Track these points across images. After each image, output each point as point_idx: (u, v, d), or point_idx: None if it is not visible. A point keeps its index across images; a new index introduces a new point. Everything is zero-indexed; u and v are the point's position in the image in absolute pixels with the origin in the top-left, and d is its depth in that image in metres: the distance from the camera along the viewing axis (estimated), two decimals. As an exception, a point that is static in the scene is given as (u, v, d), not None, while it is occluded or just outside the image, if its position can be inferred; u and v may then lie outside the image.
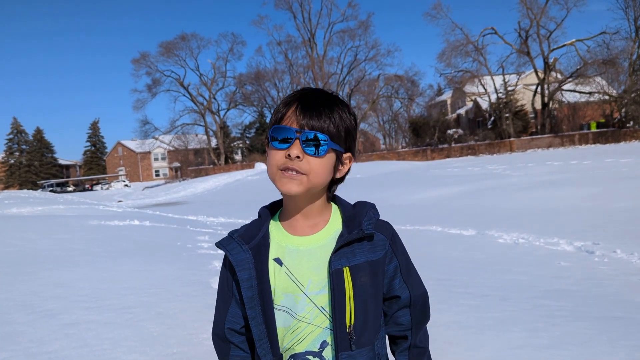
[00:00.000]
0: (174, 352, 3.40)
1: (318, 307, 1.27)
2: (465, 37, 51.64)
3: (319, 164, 1.25)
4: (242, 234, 1.33)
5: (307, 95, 1.28)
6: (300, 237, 1.32)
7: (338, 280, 1.25)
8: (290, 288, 1.28)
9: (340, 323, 1.25)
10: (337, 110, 1.28)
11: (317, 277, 1.27)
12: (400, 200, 16.24)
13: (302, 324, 1.28)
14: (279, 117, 1.27)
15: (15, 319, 4.03)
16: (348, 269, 1.26)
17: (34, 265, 5.93)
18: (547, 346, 3.44)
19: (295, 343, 1.29)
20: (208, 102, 66.94)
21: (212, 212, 17.58)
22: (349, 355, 1.26)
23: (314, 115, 1.24)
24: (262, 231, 1.33)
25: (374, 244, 1.31)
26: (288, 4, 61.38)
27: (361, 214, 1.34)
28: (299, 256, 1.30)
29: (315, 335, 1.28)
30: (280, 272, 1.29)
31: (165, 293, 4.84)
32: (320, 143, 1.24)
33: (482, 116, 58.40)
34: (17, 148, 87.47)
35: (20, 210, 15.97)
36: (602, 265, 6.23)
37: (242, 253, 1.29)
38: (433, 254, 7.64)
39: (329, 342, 1.28)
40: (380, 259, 1.31)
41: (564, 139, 45.07)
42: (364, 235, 1.28)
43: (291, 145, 1.22)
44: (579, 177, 15.88)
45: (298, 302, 1.27)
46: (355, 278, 1.26)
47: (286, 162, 1.23)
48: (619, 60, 46.35)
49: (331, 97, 1.31)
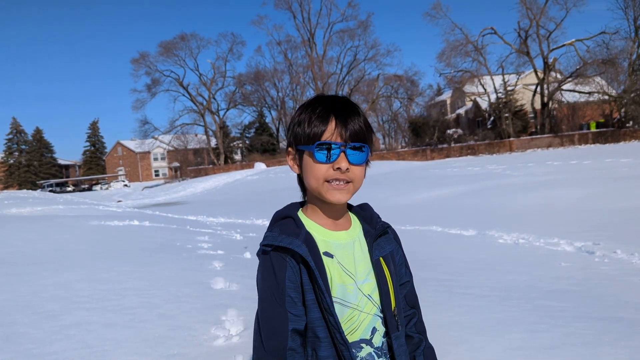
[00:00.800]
0: (174, 353, 3.40)
1: (366, 295, 1.37)
2: (465, 37, 51.69)
3: (361, 170, 1.37)
4: (284, 231, 1.34)
5: (336, 106, 1.34)
6: (340, 232, 1.41)
7: (379, 269, 1.40)
8: (344, 278, 1.35)
9: (388, 307, 1.39)
10: (361, 114, 1.38)
11: (361, 268, 1.38)
12: (400, 200, 16.24)
13: (356, 312, 1.35)
14: (320, 133, 1.31)
15: (16, 320, 4.02)
16: (382, 259, 1.42)
17: (34, 266, 5.92)
18: (548, 347, 3.43)
19: (350, 332, 1.34)
20: (207, 102, 66.94)
21: (212, 212, 17.57)
22: (397, 336, 1.40)
23: (352, 125, 1.32)
24: (303, 229, 1.36)
25: (387, 237, 1.49)
26: (288, 3, 61.45)
27: (374, 214, 1.51)
28: (344, 249, 1.38)
29: (367, 323, 1.36)
30: (333, 264, 1.35)
31: (165, 294, 4.83)
32: (364, 152, 1.35)
33: (481, 116, 58.42)
34: (16, 148, 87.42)
35: (20, 210, 15.96)
36: (603, 265, 6.23)
37: (301, 246, 1.30)
38: (433, 255, 7.63)
39: (377, 328, 1.38)
40: (393, 250, 1.49)
41: (563, 139, 45.09)
42: (384, 230, 1.47)
43: (338, 159, 1.30)
44: (579, 177, 15.88)
45: (351, 291, 1.35)
46: (389, 266, 1.43)
47: (334, 174, 1.31)
48: (618, 60, 46.39)
49: (351, 103, 1.39)
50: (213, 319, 4.08)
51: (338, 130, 1.31)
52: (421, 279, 5.87)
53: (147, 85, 65.78)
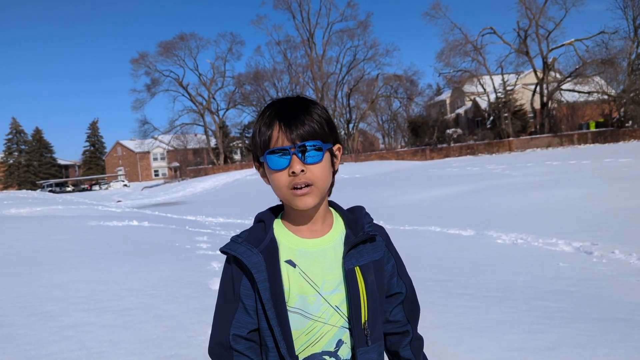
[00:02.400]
0: (172, 354, 3.40)
1: (332, 307, 1.31)
2: (464, 37, 51.73)
3: (321, 168, 1.29)
4: (247, 239, 1.34)
5: (283, 108, 1.30)
6: (309, 239, 1.35)
7: (352, 279, 1.31)
8: (305, 289, 1.30)
9: (357, 320, 1.30)
10: (313, 110, 1.31)
11: (330, 277, 1.32)
12: (399, 200, 16.24)
13: (318, 324, 1.30)
14: (267, 140, 1.28)
15: (13, 321, 4.02)
16: (359, 269, 1.32)
17: (32, 267, 5.92)
18: (545, 348, 3.44)
19: (310, 344, 1.31)
20: (207, 102, 66.93)
21: (211, 212, 17.58)
22: (365, 350, 1.32)
23: (299, 125, 1.27)
24: (269, 235, 1.34)
25: (375, 245, 1.39)
26: (287, 3, 61.43)
27: (361, 218, 1.40)
28: (311, 258, 1.32)
29: (331, 335, 1.31)
30: (294, 274, 1.30)
31: (164, 295, 4.83)
32: (316, 150, 1.28)
33: (481, 116, 58.44)
34: (16, 148, 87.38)
35: (19, 210, 15.95)
36: (601, 266, 6.23)
37: (254, 256, 1.29)
38: (432, 255, 7.64)
39: (344, 341, 1.32)
40: (381, 259, 1.39)
41: (562, 138, 45.12)
42: (367, 236, 1.35)
43: (291, 163, 1.25)
44: (578, 177, 15.89)
45: (313, 302, 1.30)
46: (365, 277, 1.32)
47: (292, 179, 1.26)
48: (617, 59, 46.46)
49: (302, 101, 1.34)
50: (212, 319, 4.07)
51: (283, 134, 1.26)
52: (419, 280, 5.87)
53: (146, 85, 65.82)
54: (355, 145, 63.42)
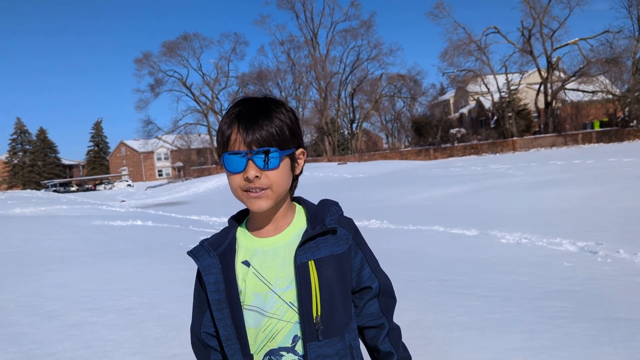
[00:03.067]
0: (175, 353, 3.41)
1: (287, 303, 1.31)
2: (468, 36, 51.64)
3: (277, 174, 1.29)
4: (211, 242, 1.39)
5: (244, 111, 1.29)
6: (265, 238, 1.37)
7: (304, 273, 1.29)
8: (258, 287, 1.32)
9: (307, 314, 1.29)
10: (274, 115, 1.30)
11: (283, 274, 1.32)
12: (403, 200, 16.23)
13: (273, 321, 1.32)
14: (226, 141, 1.29)
15: (17, 320, 4.04)
16: (313, 262, 1.30)
17: (36, 266, 5.94)
18: (548, 347, 3.43)
19: (268, 340, 1.32)
20: (211, 102, 67.07)
21: (215, 212, 17.59)
22: (317, 345, 1.30)
23: (256, 130, 1.26)
24: (228, 238, 1.38)
25: (337, 238, 1.36)
26: (290, 3, 61.49)
27: (324, 211, 1.39)
28: (264, 256, 1.34)
29: (286, 331, 1.32)
30: (249, 274, 1.33)
31: (167, 294, 4.85)
32: (273, 156, 1.27)
33: (485, 115, 58.31)
34: (20, 148, 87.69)
35: (24, 210, 16.02)
36: (605, 265, 6.21)
37: (209, 259, 1.34)
38: (435, 255, 7.63)
39: (300, 336, 1.32)
40: (345, 252, 1.36)
41: (567, 138, 44.98)
42: (326, 229, 1.33)
43: (246, 168, 1.26)
44: (582, 176, 15.85)
45: (267, 300, 1.31)
46: (320, 270, 1.31)
47: (246, 184, 1.27)
48: (622, 59, 46.27)
49: (266, 103, 1.33)
50: (214, 319, 4.08)
51: (241, 137, 1.25)
52: (423, 279, 5.88)
53: (150, 86, 66.01)
54: (359, 145, 63.41)
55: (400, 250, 8.17)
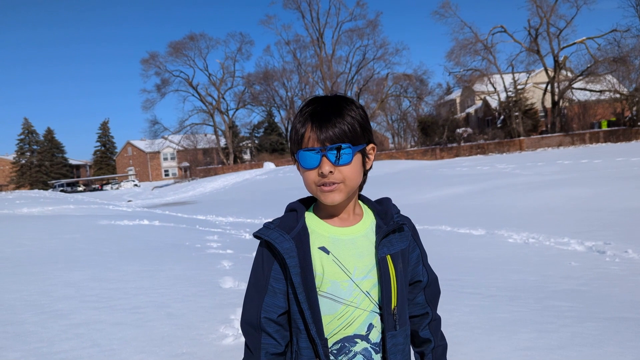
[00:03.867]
0: (183, 352, 3.41)
1: (364, 292, 1.37)
2: (474, 36, 51.47)
3: (350, 169, 1.34)
4: (279, 225, 1.41)
5: (317, 110, 1.35)
6: (342, 227, 1.42)
7: (384, 266, 1.37)
8: (337, 275, 1.36)
9: (387, 305, 1.38)
10: (346, 112, 1.35)
11: (361, 264, 1.38)
12: (409, 199, 16.20)
13: (350, 309, 1.36)
14: (300, 139, 1.35)
15: (25, 318, 4.06)
16: (390, 257, 1.39)
17: (44, 265, 5.97)
18: (556, 347, 3.41)
19: (343, 328, 1.37)
20: (217, 102, 67.19)
21: (221, 212, 17.63)
22: (393, 335, 1.39)
23: (329, 127, 1.31)
24: (300, 222, 1.41)
25: (402, 234, 1.46)
26: (296, 3, 61.50)
27: (390, 208, 1.48)
28: (343, 245, 1.39)
29: (363, 319, 1.37)
30: (327, 260, 1.37)
31: (174, 293, 4.86)
32: (345, 152, 1.32)
33: (491, 115, 58.13)
34: (28, 148, 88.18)
35: (31, 210, 16.10)
36: (613, 265, 6.18)
37: (286, 242, 1.36)
38: (442, 254, 7.61)
39: (375, 325, 1.39)
40: (407, 248, 1.46)
41: (574, 137, 44.74)
42: (397, 226, 1.43)
43: (320, 164, 1.32)
44: (590, 176, 15.77)
45: (345, 288, 1.36)
46: (396, 264, 1.40)
47: (320, 179, 1.33)
48: (629, 58, 45.88)
49: (337, 100, 1.38)
50: (222, 318, 4.09)
51: (315, 135, 1.31)
52: (429, 279, 5.86)
53: (156, 86, 66.31)
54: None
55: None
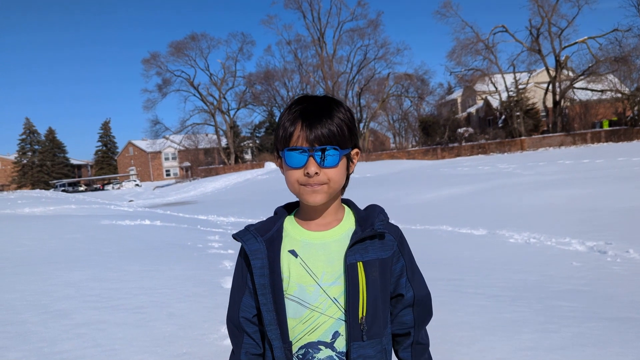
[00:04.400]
0: (184, 352, 3.41)
1: (331, 298, 1.34)
2: (476, 36, 51.36)
3: (335, 172, 1.33)
4: (257, 227, 1.42)
5: (308, 109, 1.33)
6: (315, 232, 1.40)
7: (353, 273, 1.32)
8: (303, 279, 1.34)
9: (354, 314, 1.32)
10: (335, 114, 1.34)
11: (330, 269, 1.34)
12: (410, 199, 16.19)
13: (315, 314, 1.34)
14: (288, 137, 1.32)
15: (26, 318, 4.06)
16: (362, 264, 1.34)
17: (45, 265, 5.98)
18: (558, 347, 3.41)
19: (307, 333, 1.35)
20: (218, 102, 67.17)
21: (223, 212, 17.63)
22: (360, 345, 1.33)
23: (319, 127, 1.30)
24: (276, 226, 1.41)
25: (384, 243, 1.39)
26: (297, 3, 61.37)
27: (373, 216, 1.42)
28: (313, 249, 1.37)
29: (328, 326, 1.34)
30: (295, 264, 1.36)
31: (176, 293, 4.86)
32: (332, 154, 1.31)
33: (492, 115, 58.07)
34: (29, 148, 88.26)
35: (33, 210, 16.12)
36: (615, 265, 6.17)
37: (256, 244, 1.37)
38: (443, 254, 7.61)
39: (341, 333, 1.35)
40: (389, 257, 1.39)
41: (575, 137, 44.68)
42: (376, 233, 1.37)
43: (307, 164, 1.30)
44: (591, 176, 15.75)
45: (311, 292, 1.34)
46: (367, 272, 1.34)
47: (305, 179, 1.31)
48: (631, 57, 45.78)
49: (327, 102, 1.37)
50: (223, 318, 4.05)
51: (304, 134, 1.29)
52: (431, 279, 5.84)
53: (158, 86, 66.23)
54: (366, 144, 63.29)
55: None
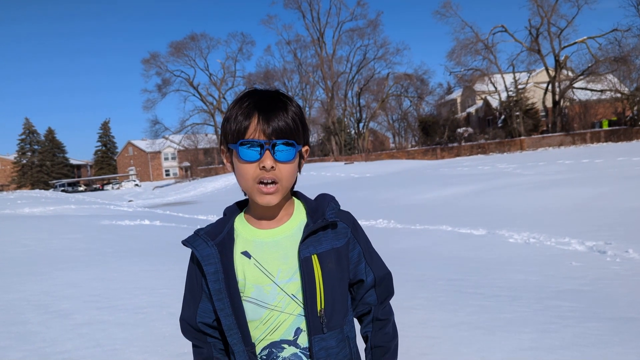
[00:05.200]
0: (185, 352, 3.42)
1: (289, 295, 1.32)
2: (475, 35, 51.39)
3: (289, 168, 1.30)
4: (207, 231, 1.38)
5: (263, 102, 1.29)
6: (266, 230, 1.36)
7: (308, 267, 1.30)
8: (260, 279, 1.31)
9: (312, 308, 1.31)
10: (289, 108, 1.30)
11: (285, 266, 1.32)
12: (410, 199, 16.20)
13: (275, 313, 1.32)
14: (243, 130, 1.27)
15: (28, 318, 4.07)
16: (316, 257, 1.31)
17: (46, 266, 5.98)
18: (558, 347, 3.42)
19: (269, 333, 1.33)
20: (218, 102, 67.20)
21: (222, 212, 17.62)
22: (322, 338, 1.32)
23: (276, 121, 1.26)
24: (226, 228, 1.38)
25: (337, 232, 1.37)
26: (297, 3, 61.47)
27: (323, 205, 1.40)
28: (266, 248, 1.34)
29: (289, 324, 1.33)
30: (249, 265, 1.32)
31: (176, 293, 4.86)
32: (289, 148, 1.28)
33: (492, 115, 58.10)
34: (29, 148, 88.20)
35: (33, 210, 16.12)
36: (614, 265, 6.18)
37: (207, 249, 1.33)
38: (443, 254, 7.62)
39: (303, 329, 1.33)
40: (344, 246, 1.37)
41: (575, 137, 44.70)
42: (327, 223, 1.34)
43: (263, 157, 1.25)
44: (591, 176, 15.76)
45: (269, 292, 1.31)
46: (323, 264, 1.32)
47: (261, 173, 1.27)
48: (630, 57, 45.77)
49: (281, 96, 1.34)
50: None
51: (260, 127, 1.25)
52: (431, 279, 5.87)
53: (157, 86, 66.32)
54: (366, 144, 63.32)
55: (408, 249, 8.16)
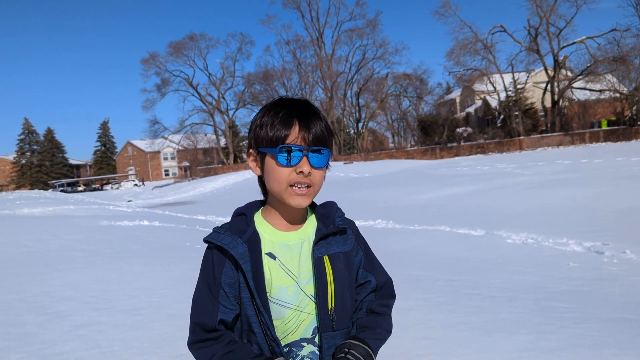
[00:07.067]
0: (183, 353, 3.43)
1: (308, 296, 1.38)
2: (474, 35, 51.45)
3: (322, 174, 1.39)
4: (230, 229, 1.40)
5: (302, 110, 1.36)
6: (286, 232, 1.42)
7: (320, 267, 1.38)
8: (284, 280, 1.37)
9: (323, 306, 1.37)
10: (322, 117, 1.39)
11: (305, 268, 1.39)
12: (409, 199, 16.21)
13: (297, 313, 1.37)
14: (283, 137, 1.32)
15: (27, 320, 4.08)
16: (327, 257, 1.40)
17: (45, 266, 5.99)
18: (555, 348, 3.43)
19: (290, 332, 1.38)
20: (217, 102, 67.16)
21: (221, 212, 17.63)
22: (331, 335, 1.39)
23: (314, 131, 1.34)
24: (251, 227, 1.41)
25: (345, 237, 1.47)
26: (296, 3, 61.48)
27: (333, 212, 1.49)
28: (290, 250, 1.40)
29: (307, 323, 1.38)
30: (274, 266, 1.37)
31: (175, 294, 4.88)
32: (324, 155, 1.36)
33: (491, 114, 58.13)
34: (28, 148, 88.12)
35: (32, 210, 16.12)
36: (612, 266, 6.19)
37: (240, 246, 1.35)
38: (441, 255, 7.63)
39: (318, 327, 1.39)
40: (350, 250, 1.47)
41: (574, 137, 44.74)
42: (338, 229, 1.44)
43: (300, 162, 1.32)
44: (589, 176, 15.77)
45: (292, 293, 1.37)
46: (334, 265, 1.40)
47: (297, 177, 1.33)
48: (629, 57, 45.84)
49: (313, 107, 1.41)
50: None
51: (301, 134, 1.32)
52: (429, 279, 5.88)
53: (156, 86, 66.23)
54: (365, 144, 63.34)
55: (406, 250, 8.17)
